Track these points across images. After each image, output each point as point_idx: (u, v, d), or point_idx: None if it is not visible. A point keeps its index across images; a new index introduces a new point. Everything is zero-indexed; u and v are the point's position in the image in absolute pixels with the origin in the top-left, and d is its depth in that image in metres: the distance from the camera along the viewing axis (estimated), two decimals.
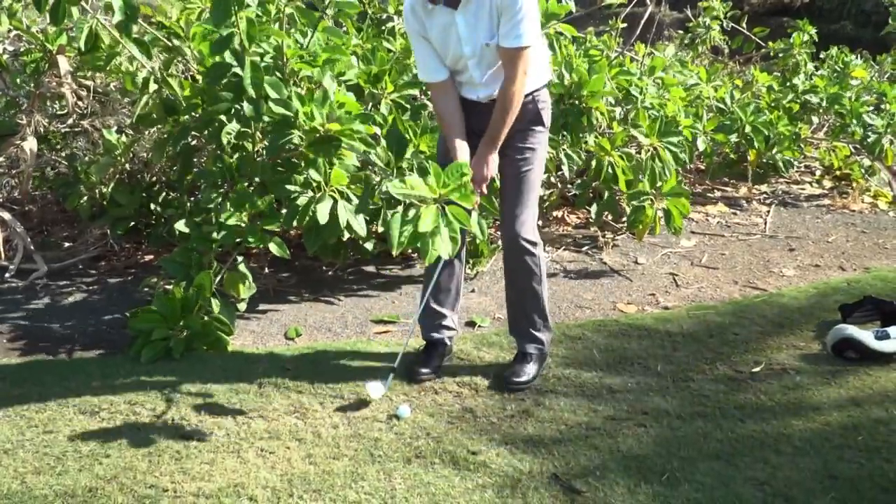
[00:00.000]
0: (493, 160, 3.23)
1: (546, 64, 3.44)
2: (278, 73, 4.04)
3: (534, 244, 3.37)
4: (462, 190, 3.08)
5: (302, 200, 3.82)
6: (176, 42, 4.39)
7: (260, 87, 3.80)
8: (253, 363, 3.61)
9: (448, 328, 3.64)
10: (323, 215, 3.78)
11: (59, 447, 2.92)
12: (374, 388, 3.25)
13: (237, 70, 3.85)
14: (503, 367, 3.54)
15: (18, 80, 4.93)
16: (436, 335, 3.61)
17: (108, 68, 4.31)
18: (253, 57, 3.86)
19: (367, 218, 4.04)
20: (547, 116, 3.40)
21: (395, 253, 3.15)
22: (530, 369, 3.46)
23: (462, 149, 3.28)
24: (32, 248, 4.77)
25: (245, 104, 3.82)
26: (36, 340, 3.93)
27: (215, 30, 3.86)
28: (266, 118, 3.84)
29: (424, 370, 3.49)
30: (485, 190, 3.28)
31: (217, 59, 3.88)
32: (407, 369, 3.50)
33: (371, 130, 4.08)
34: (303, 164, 3.94)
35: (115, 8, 3.79)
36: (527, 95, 3.22)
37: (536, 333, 3.51)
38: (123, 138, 4.70)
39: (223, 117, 4.05)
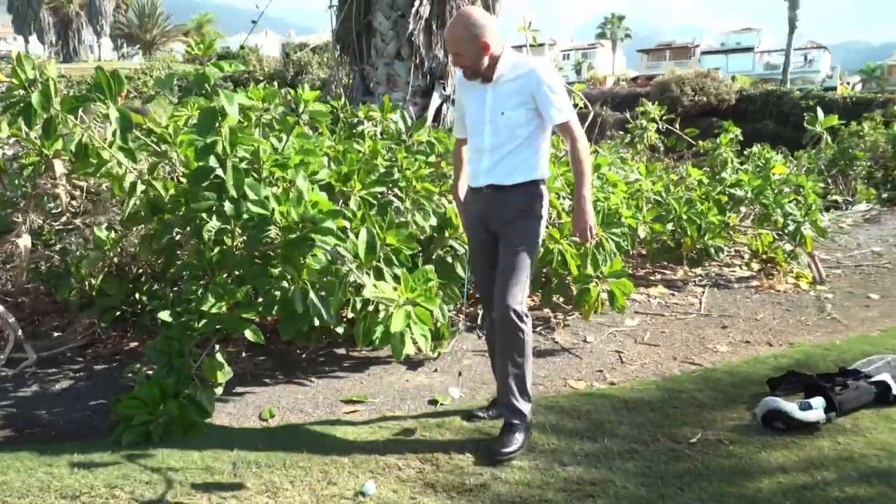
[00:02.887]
0: (587, 213, 3.38)
1: (545, 162, 3.56)
2: (255, 174, 4.06)
3: (522, 319, 3.42)
4: (427, 294, 3.17)
5: (278, 291, 3.79)
6: (164, 147, 4.41)
7: (240, 188, 3.81)
8: (228, 445, 3.52)
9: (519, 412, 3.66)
10: (299, 304, 3.75)
11: None
12: (453, 391, 4.08)
13: (219, 172, 3.87)
14: (463, 444, 3.50)
15: (16, 182, 4.90)
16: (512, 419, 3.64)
17: (98, 174, 4.30)
18: (234, 160, 3.88)
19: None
20: (539, 207, 3.50)
21: (360, 345, 3.24)
22: (516, 439, 3.45)
23: (458, 188, 3.81)
24: (23, 337, 4.68)
25: (227, 203, 3.82)
26: (22, 427, 3.81)
27: (200, 137, 3.89)
28: (245, 216, 3.84)
29: (480, 413, 3.82)
30: (588, 237, 3.42)
31: (200, 161, 3.89)
32: (467, 412, 3.86)
33: (341, 223, 4.09)
34: (278, 259, 3.92)
35: (112, 120, 3.81)
36: (521, 185, 3.46)
37: (518, 405, 3.50)
38: (113, 234, 4.67)
39: (204, 215, 4.05)
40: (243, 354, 4.66)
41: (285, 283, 3.87)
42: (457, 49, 3.40)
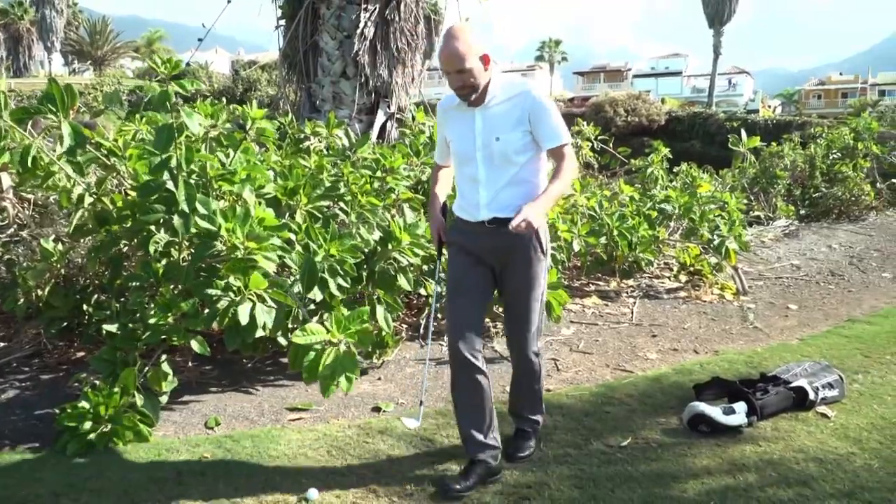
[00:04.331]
0: (535, 213, 2.84)
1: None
2: (203, 189, 3.99)
3: (538, 355, 3.39)
4: (360, 334, 3.18)
5: (223, 303, 3.74)
6: (112, 160, 4.32)
7: (192, 203, 3.75)
8: (173, 453, 3.45)
9: (490, 447, 3.23)
10: (244, 316, 3.70)
11: None
12: (409, 422, 3.16)
13: (170, 186, 3.80)
14: (405, 450, 3.49)
15: None
16: (480, 455, 3.20)
17: (45, 185, 4.19)
18: (183, 175, 3.82)
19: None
20: (546, 243, 3.23)
21: (292, 370, 3.25)
22: (531, 444, 3.50)
23: (434, 203, 3.43)
24: None
25: (176, 217, 3.76)
26: None
27: (152, 151, 3.82)
28: (193, 230, 3.78)
29: (456, 486, 3.10)
30: (523, 227, 2.80)
31: (154, 176, 3.82)
32: (441, 483, 3.14)
33: (286, 236, 4.06)
34: (224, 271, 3.87)
35: (65, 135, 3.71)
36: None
37: (533, 417, 3.55)
38: (60, 246, 4.54)
39: (152, 227, 3.97)
40: (189, 364, 4.57)
41: (231, 295, 3.81)
42: (460, 66, 2.95)
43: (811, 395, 3.96)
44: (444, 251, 3.43)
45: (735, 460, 3.40)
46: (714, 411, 3.70)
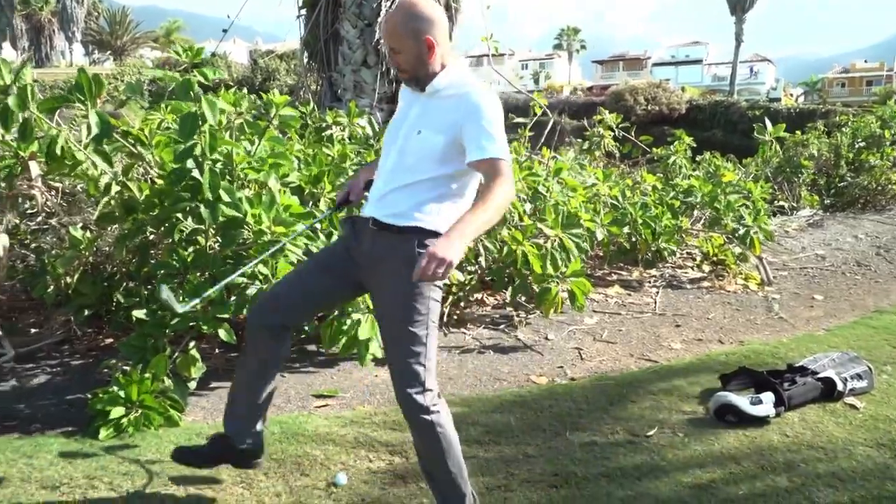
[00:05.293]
0: (445, 249, 2.18)
1: (447, 217, 2.52)
2: (228, 177, 4.03)
3: (428, 410, 2.54)
4: None
5: (251, 291, 3.77)
6: (139, 148, 4.36)
7: (216, 191, 3.78)
8: (203, 437, 3.47)
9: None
10: None
11: None
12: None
13: (195, 174, 3.83)
14: None
15: None
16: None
17: (73, 174, 4.23)
18: (209, 163, 3.85)
19: None
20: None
21: (326, 349, 3.17)
22: None
23: (365, 168, 2.95)
24: (1, 333, 4.58)
25: (202, 207, 3.79)
26: (1, 420, 3.72)
27: (178, 139, 3.85)
28: (220, 218, 3.81)
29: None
30: (432, 271, 2.15)
31: (178, 164, 3.86)
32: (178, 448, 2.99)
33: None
34: (252, 253, 3.90)
35: (92, 124, 3.75)
36: (413, 232, 2.51)
37: None
38: (88, 234, 4.59)
39: (179, 215, 4.01)
40: (216, 350, 4.61)
41: (258, 283, 3.84)
42: (393, 43, 2.53)
43: (839, 386, 3.94)
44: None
45: (762, 450, 3.39)
46: (741, 401, 3.69)
